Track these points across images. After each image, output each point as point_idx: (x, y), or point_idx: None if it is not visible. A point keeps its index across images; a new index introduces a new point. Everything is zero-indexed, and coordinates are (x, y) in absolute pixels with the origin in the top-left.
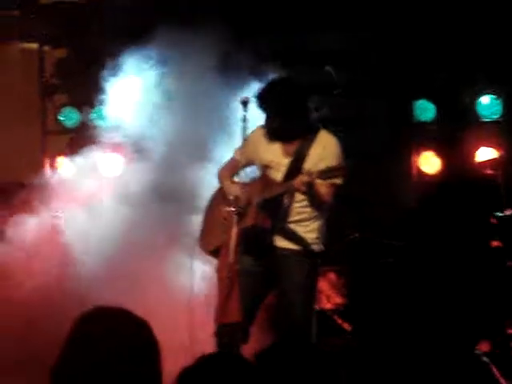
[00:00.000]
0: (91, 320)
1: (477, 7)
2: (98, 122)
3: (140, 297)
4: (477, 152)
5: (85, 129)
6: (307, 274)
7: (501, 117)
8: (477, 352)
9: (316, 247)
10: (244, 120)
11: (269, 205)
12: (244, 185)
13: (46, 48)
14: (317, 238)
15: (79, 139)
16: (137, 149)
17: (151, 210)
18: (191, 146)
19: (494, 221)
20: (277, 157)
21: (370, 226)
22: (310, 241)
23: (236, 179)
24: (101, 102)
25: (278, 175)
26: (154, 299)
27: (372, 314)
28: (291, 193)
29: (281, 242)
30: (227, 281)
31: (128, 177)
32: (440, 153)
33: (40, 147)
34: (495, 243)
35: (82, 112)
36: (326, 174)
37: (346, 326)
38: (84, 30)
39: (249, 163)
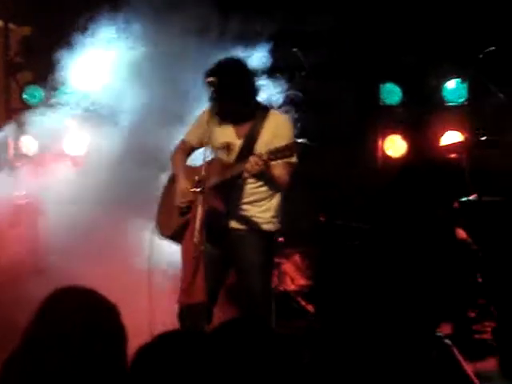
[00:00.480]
0: (61, 298)
1: None
2: (62, 99)
3: (103, 270)
4: (442, 136)
5: (49, 106)
6: (262, 253)
7: (466, 100)
8: (438, 334)
9: (272, 226)
10: (211, 100)
11: (223, 187)
12: (196, 168)
13: (11, 26)
14: (272, 217)
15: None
16: (105, 120)
17: (118, 181)
18: (163, 111)
19: (457, 205)
20: (230, 139)
21: (336, 208)
22: (264, 220)
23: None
24: (65, 79)
25: (231, 157)
26: (117, 272)
27: (336, 297)
28: (244, 174)
29: (236, 224)
30: (193, 261)
31: (94, 152)
32: (406, 136)
33: (4, 125)
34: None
35: (45, 90)
36: (275, 154)
37: (310, 308)
38: (49, 6)
39: (200, 145)
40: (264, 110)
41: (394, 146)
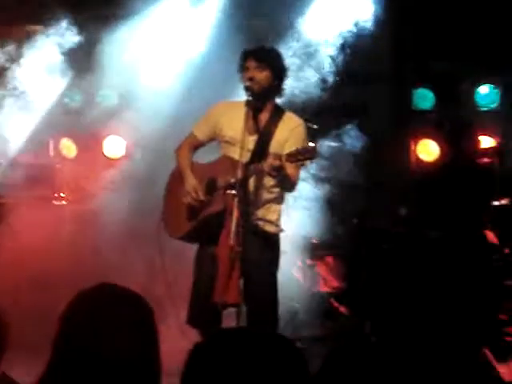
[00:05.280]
0: (90, 296)
1: None
2: (102, 101)
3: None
4: (474, 141)
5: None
6: (267, 254)
7: (499, 106)
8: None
9: (276, 229)
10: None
11: (232, 188)
12: (205, 165)
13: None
14: (277, 220)
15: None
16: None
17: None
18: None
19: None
20: (239, 133)
21: (369, 211)
22: (270, 222)
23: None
24: (104, 80)
25: (239, 153)
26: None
27: (369, 299)
28: (259, 176)
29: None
30: (229, 263)
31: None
32: (438, 140)
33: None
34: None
35: (85, 92)
36: (295, 156)
37: (343, 310)
38: None
39: (209, 139)
40: (281, 109)
41: (427, 149)
